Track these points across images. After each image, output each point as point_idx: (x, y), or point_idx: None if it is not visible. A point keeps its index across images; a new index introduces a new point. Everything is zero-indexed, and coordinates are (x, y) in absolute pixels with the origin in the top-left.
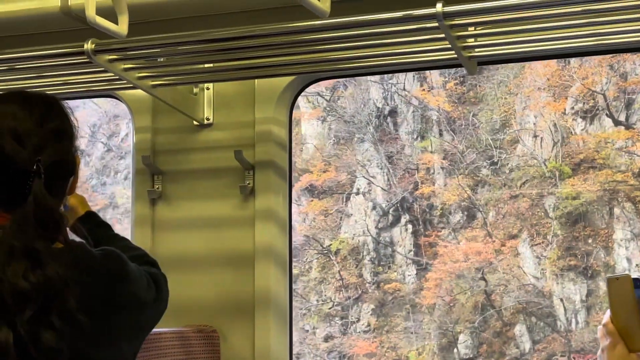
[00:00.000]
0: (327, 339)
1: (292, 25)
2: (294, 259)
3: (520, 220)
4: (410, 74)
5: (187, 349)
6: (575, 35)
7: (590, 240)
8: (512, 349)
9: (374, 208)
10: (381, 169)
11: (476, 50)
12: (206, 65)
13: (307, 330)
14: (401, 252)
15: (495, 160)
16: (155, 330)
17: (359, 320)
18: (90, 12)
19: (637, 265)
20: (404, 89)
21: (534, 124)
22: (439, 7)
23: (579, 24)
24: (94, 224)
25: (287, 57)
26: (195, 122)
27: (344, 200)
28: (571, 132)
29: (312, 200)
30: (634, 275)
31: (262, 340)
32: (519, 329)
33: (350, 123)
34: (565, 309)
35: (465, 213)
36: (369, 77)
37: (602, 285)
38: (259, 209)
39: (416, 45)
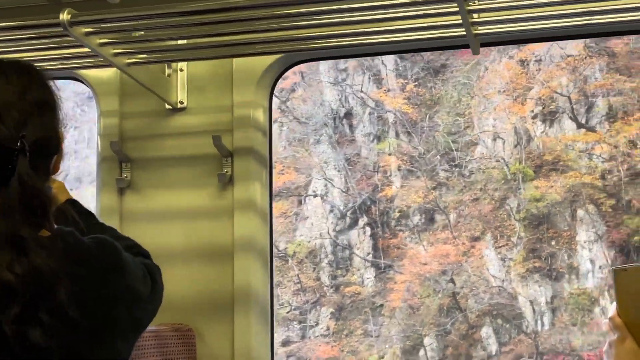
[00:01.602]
0: (285, 343)
1: None
2: None
3: (483, 223)
4: (366, 75)
5: (162, 349)
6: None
7: (553, 242)
8: (478, 351)
9: (331, 210)
10: (338, 171)
11: (480, 27)
12: (181, 42)
13: None
14: (360, 255)
15: (455, 163)
16: None
17: (317, 324)
18: None
19: (600, 267)
20: (361, 91)
21: (493, 126)
22: None
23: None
24: (77, 212)
25: (270, 34)
26: (167, 106)
27: (300, 202)
28: (532, 135)
29: None
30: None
31: (241, 339)
32: (486, 331)
33: (305, 125)
34: (533, 311)
35: (425, 215)
36: (322, 79)
37: (567, 287)
38: (238, 199)
39: (415, 20)
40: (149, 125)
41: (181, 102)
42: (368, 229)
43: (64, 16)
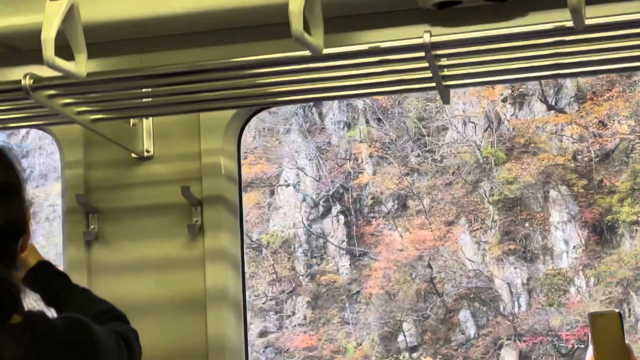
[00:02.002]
0: (262, 334)
1: (236, 61)
2: None
3: (457, 207)
4: None
5: None
6: (538, 66)
7: (527, 224)
8: (457, 335)
9: (304, 199)
10: (310, 160)
11: (450, 79)
12: (146, 100)
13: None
14: (334, 243)
15: (427, 148)
16: None
17: (294, 313)
18: (49, 54)
19: (574, 247)
20: None
21: (464, 110)
22: (426, 37)
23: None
24: (49, 274)
25: (232, 91)
26: (134, 155)
27: (272, 193)
28: (502, 118)
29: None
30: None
31: None
32: (464, 315)
33: (275, 114)
34: (510, 293)
35: (398, 202)
36: None
37: (542, 268)
38: (209, 249)
39: (385, 77)
40: (116, 174)
41: (147, 151)
42: (342, 217)
43: (26, 81)
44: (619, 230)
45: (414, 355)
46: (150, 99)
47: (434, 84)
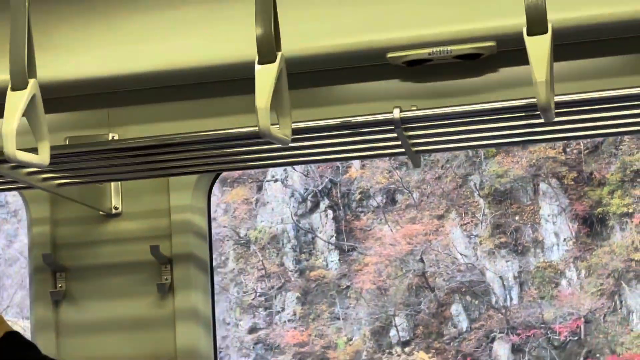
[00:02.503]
0: (252, 330)
1: (204, 134)
2: None
3: (447, 201)
4: None
5: None
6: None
7: (517, 217)
8: (449, 329)
9: (292, 195)
10: None
11: (421, 146)
12: (112, 168)
13: (229, 323)
14: (323, 238)
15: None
16: None
17: (283, 309)
18: (10, 149)
19: (564, 239)
20: None
21: None
22: (396, 113)
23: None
24: (16, 346)
25: (200, 160)
26: (101, 212)
27: (260, 188)
28: None
29: (225, 190)
30: None
31: None
32: (455, 309)
33: None
34: (503, 287)
35: (387, 196)
36: None
37: (533, 261)
38: (179, 308)
39: (355, 146)
40: (84, 232)
41: (116, 208)
42: (330, 211)
43: None
44: (610, 222)
45: (406, 349)
46: (116, 167)
47: (403, 150)
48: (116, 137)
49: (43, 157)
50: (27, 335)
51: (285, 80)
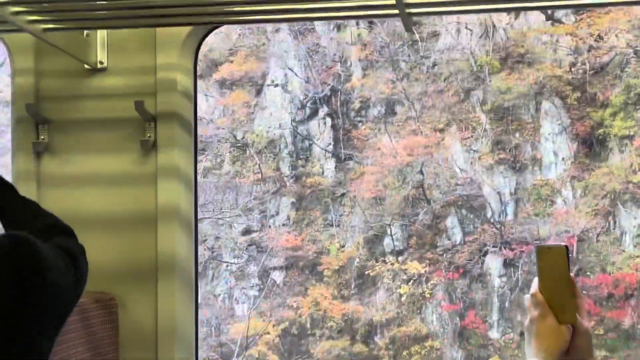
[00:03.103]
0: (245, 232)
1: None
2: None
3: (448, 114)
4: None
5: (81, 316)
6: None
7: (518, 134)
8: (443, 240)
9: (291, 101)
10: (299, 60)
11: (414, 7)
12: (100, 12)
13: (222, 225)
14: (320, 146)
15: (420, 54)
16: None
17: (278, 213)
18: None
19: (563, 159)
20: None
21: (458, 17)
22: None
23: None
24: None
25: (188, 8)
26: (86, 66)
27: (258, 92)
28: (498, 27)
29: (223, 92)
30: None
31: (165, 307)
32: (451, 221)
33: None
34: (500, 202)
35: (387, 107)
36: None
37: (530, 179)
38: (162, 165)
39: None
40: (68, 85)
41: (101, 62)
42: (329, 119)
43: None
44: (610, 144)
45: (400, 258)
46: (105, 11)
47: (397, 12)
48: None
49: None
50: None
51: None
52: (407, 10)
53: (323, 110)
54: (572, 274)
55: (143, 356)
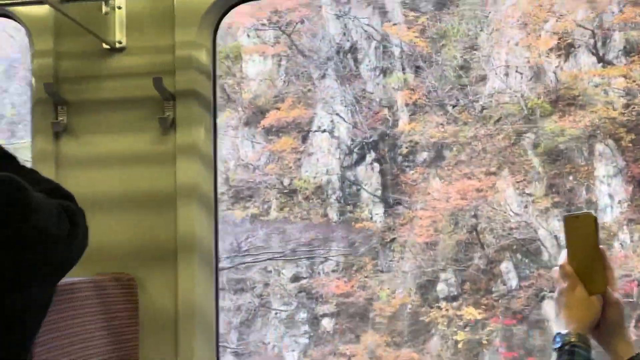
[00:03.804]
0: (295, 279)
1: None
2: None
3: (499, 158)
4: (369, 8)
5: (102, 299)
6: None
7: (572, 178)
8: (498, 286)
9: (338, 146)
10: (345, 106)
11: None
12: None
13: (271, 271)
14: (368, 191)
15: (468, 98)
16: (66, 279)
17: (326, 259)
18: None
19: (619, 202)
20: (369, 25)
21: (507, 60)
22: None
23: None
24: None
25: None
26: (105, 46)
27: (305, 138)
28: (548, 69)
29: (270, 139)
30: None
31: (185, 288)
32: (505, 266)
33: (309, 59)
34: (557, 245)
35: (435, 151)
36: (324, 11)
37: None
38: (181, 144)
39: None
40: (86, 65)
41: (119, 42)
42: (376, 164)
43: None
44: None
45: (454, 304)
46: None
47: None
48: None
49: None
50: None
51: None
52: None
53: (370, 156)
54: (601, 246)
55: (163, 337)
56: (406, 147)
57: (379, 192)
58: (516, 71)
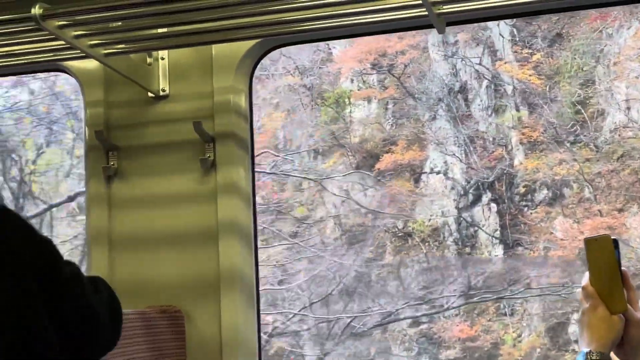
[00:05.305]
0: (414, 323)
1: None
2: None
3: (625, 194)
4: (479, 47)
5: (150, 330)
6: None
7: None
8: None
9: (452, 187)
10: (458, 146)
11: (444, 7)
12: (160, 31)
13: (391, 314)
14: (487, 232)
15: (586, 134)
16: None
17: (447, 302)
18: None
19: None
20: (480, 63)
21: (627, 94)
22: None
23: None
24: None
25: (247, 19)
26: (150, 94)
27: (418, 180)
28: None
29: (382, 182)
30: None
31: (228, 318)
32: None
33: (419, 100)
34: None
35: (553, 189)
36: (431, 53)
37: None
38: (221, 183)
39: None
40: (133, 113)
41: (163, 90)
42: (493, 205)
43: (36, 10)
44: None
45: None
46: (160, 30)
47: (426, 13)
48: None
49: None
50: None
51: None
52: (437, 11)
53: (487, 196)
54: (623, 268)
55: None
56: (524, 186)
57: (497, 233)
58: (628, 107)
